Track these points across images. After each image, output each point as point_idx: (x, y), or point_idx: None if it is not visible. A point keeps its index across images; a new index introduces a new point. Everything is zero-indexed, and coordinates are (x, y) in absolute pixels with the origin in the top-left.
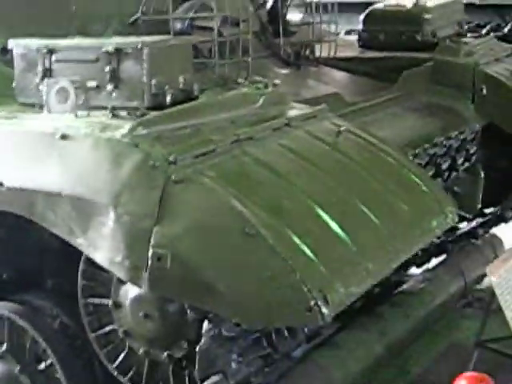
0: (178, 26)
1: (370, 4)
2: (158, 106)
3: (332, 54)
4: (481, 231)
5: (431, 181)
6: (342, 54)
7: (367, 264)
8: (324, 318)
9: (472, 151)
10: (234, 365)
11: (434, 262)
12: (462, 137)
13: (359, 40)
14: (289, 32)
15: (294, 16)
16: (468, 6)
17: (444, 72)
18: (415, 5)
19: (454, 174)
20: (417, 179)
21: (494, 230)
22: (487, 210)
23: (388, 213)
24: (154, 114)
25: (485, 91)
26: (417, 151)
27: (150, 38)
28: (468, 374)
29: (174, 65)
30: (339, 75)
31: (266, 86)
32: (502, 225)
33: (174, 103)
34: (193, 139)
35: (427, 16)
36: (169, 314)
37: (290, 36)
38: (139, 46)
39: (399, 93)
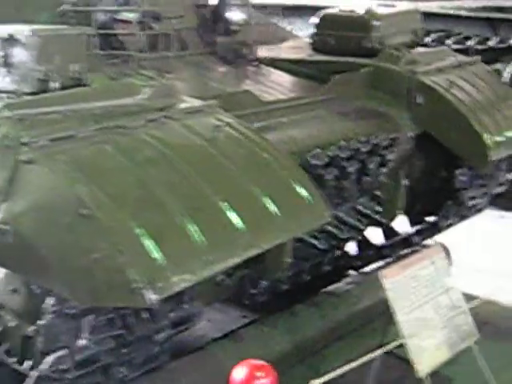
0: (101, 18)
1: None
2: (44, 91)
3: (272, 55)
4: (417, 239)
5: (306, 181)
6: (288, 55)
7: (209, 256)
8: (148, 302)
9: (389, 157)
10: (80, 342)
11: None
12: (374, 141)
13: (312, 43)
14: (230, 31)
15: (236, 15)
16: (458, 17)
17: (381, 78)
18: (366, 11)
19: (367, 178)
20: (290, 178)
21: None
22: (428, 219)
23: (249, 208)
24: (26, 98)
25: (420, 100)
26: (314, 152)
27: (44, 27)
28: (248, 361)
29: (65, 54)
30: (276, 76)
31: (152, 79)
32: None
33: (62, 90)
34: (55, 124)
35: (375, 23)
36: (32, 289)
37: (230, 35)
38: (29, 34)
39: (330, 95)
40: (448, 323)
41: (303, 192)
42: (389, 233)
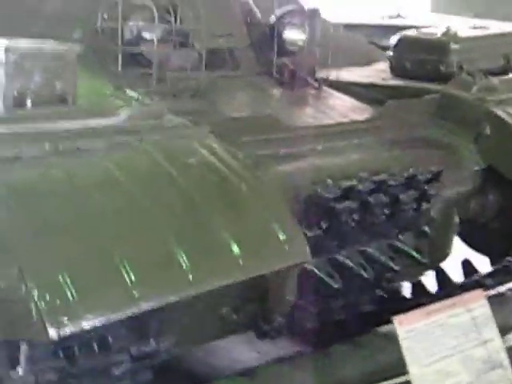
0: (128, 35)
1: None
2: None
3: (343, 77)
4: (490, 281)
5: (284, 218)
6: (359, 78)
7: (136, 291)
8: (51, 337)
9: (432, 192)
10: (17, 373)
11: None
12: (408, 174)
13: (390, 67)
14: (287, 51)
15: (294, 35)
16: None
17: (448, 106)
18: (445, 33)
19: (401, 213)
20: (265, 214)
21: None
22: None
23: (199, 245)
24: None
25: (488, 131)
26: (325, 183)
27: (26, 41)
28: None
29: (47, 71)
30: (337, 100)
31: (137, 100)
32: None
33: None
34: (5, 144)
35: (454, 46)
36: None
37: (288, 56)
38: (3, 49)
39: (384, 122)
40: (478, 379)
41: (278, 230)
42: (443, 279)
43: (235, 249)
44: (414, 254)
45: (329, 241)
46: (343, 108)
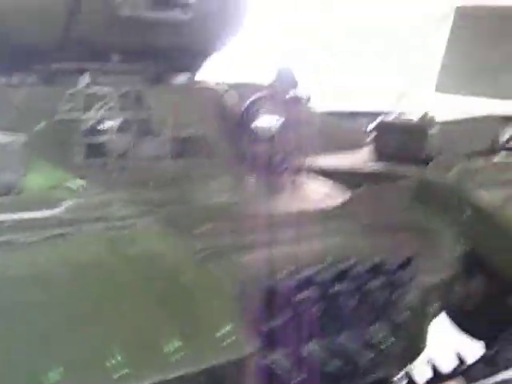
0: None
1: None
2: None
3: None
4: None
5: (227, 312)
6: (337, 164)
7: None
8: None
9: (404, 279)
10: None
11: None
12: (374, 261)
13: (372, 151)
14: (259, 139)
15: (267, 122)
16: None
17: (426, 190)
18: (422, 118)
19: (370, 302)
20: (210, 303)
21: None
22: None
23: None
24: None
25: (468, 215)
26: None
27: None
28: None
29: None
30: (313, 186)
31: (84, 189)
32: None
33: None
34: None
35: (431, 130)
36: None
37: (260, 143)
38: None
39: (356, 207)
40: None
41: (223, 323)
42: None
43: (175, 343)
44: (383, 346)
45: (290, 333)
46: (316, 194)
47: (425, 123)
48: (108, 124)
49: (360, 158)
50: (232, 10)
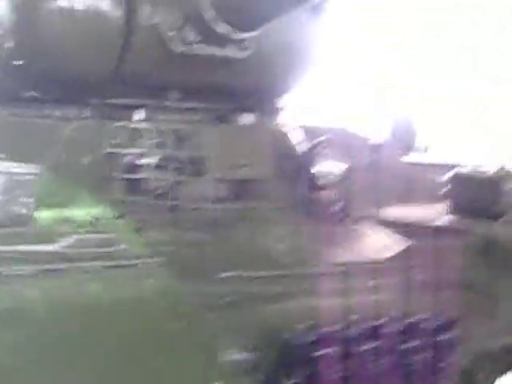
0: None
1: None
2: None
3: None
4: None
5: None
6: (404, 216)
7: None
8: None
9: (444, 342)
10: None
11: None
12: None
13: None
14: (316, 185)
15: (328, 168)
16: None
17: (491, 248)
18: (498, 171)
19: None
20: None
21: None
22: None
23: None
24: None
25: None
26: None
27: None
28: None
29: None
30: (369, 238)
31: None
32: None
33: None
34: None
35: (507, 185)
36: None
37: (320, 190)
38: None
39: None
40: None
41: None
42: None
43: None
44: None
45: None
46: (372, 246)
47: (500, 177)
48: (146, 161)
49: (432, 211)
50: (297, 49)
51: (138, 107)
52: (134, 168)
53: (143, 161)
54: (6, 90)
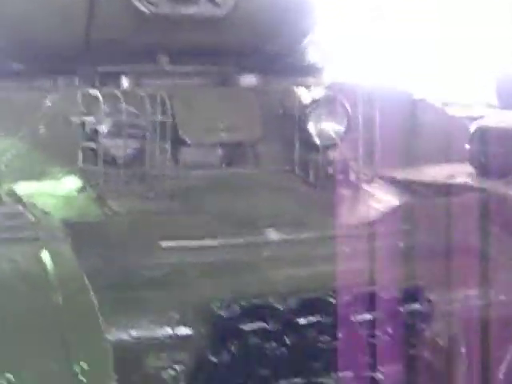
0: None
1: None
2: None
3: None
4: None
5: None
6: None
7: None
8: None
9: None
10: None
11: None
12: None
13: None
14: (315, 146)
15: (327, 126)
16: None
17: (495, 207)
18: None
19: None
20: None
21: None
22: None
23: None
24: None
25: None
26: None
27: None
28: None
29: None
30: (368, 202)
31: None
32: None
33: None
34: None
35: None
36: None
37: (318, 151)
38: None
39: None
40: None
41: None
42: None
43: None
44: None
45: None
46: (367, 213)
47: None
48: (100, 128)
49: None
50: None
51: (124, 74)
52: (93, 136)
53: (98, 128)
54: None
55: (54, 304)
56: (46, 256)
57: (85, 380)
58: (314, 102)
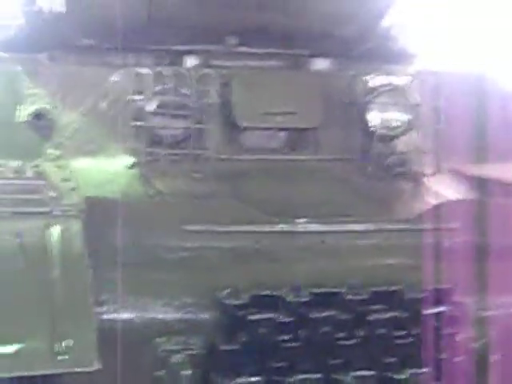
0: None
1: None
2: None
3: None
4: None
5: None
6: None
7: None
8: None
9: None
10: None
11: None
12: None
13: None
14: (379, 136)
15: (390, 116)
16: None
17: None
18: None
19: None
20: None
21: None
22: None
23: None
24: None
25: None
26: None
27: None
28: None
29: None
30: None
31: None
32: None
33: None
34: None
35: None
36: None
37: (381, 141)
38: None
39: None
40: None
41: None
42: None
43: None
44: None
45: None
46: (418, 208)
47: None
48: (147, 107)
49: None
50: None
51: (191, 53)
52: (141, 115)
53: (147, 107)
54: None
55: (50, 280)
56: (53, 232)
57: (67, 357)
58: (375, 90)
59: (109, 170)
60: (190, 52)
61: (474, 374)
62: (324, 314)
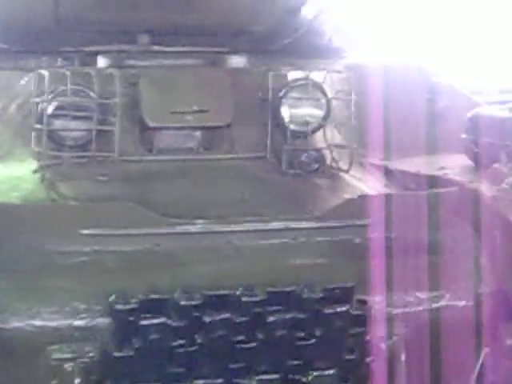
0: None
1: None
2: None
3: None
4: None
5: None
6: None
7: None
8: None
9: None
10: None
11: None
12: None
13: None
14: (291, 132)
15: (302, 111)
16: None
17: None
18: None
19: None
20: None
21: None
22: None
23: None
24: None
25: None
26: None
27: None
28: None
29: None
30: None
31: None
32: None
33: None
34: None
35: None
36: None
37: (293, 137)
38: None
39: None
40: None
41: None
42: None
43: None
44: None
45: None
46: (330, 204)
47: None
48: (49, 109)
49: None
50: None
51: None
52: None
53: (48, 110)
54: None
55: None
56: None
57: None
58: (287, 85)
59: (15, 175)
60: (104, 52)
61: (384, 373)
62: (219, 317)
